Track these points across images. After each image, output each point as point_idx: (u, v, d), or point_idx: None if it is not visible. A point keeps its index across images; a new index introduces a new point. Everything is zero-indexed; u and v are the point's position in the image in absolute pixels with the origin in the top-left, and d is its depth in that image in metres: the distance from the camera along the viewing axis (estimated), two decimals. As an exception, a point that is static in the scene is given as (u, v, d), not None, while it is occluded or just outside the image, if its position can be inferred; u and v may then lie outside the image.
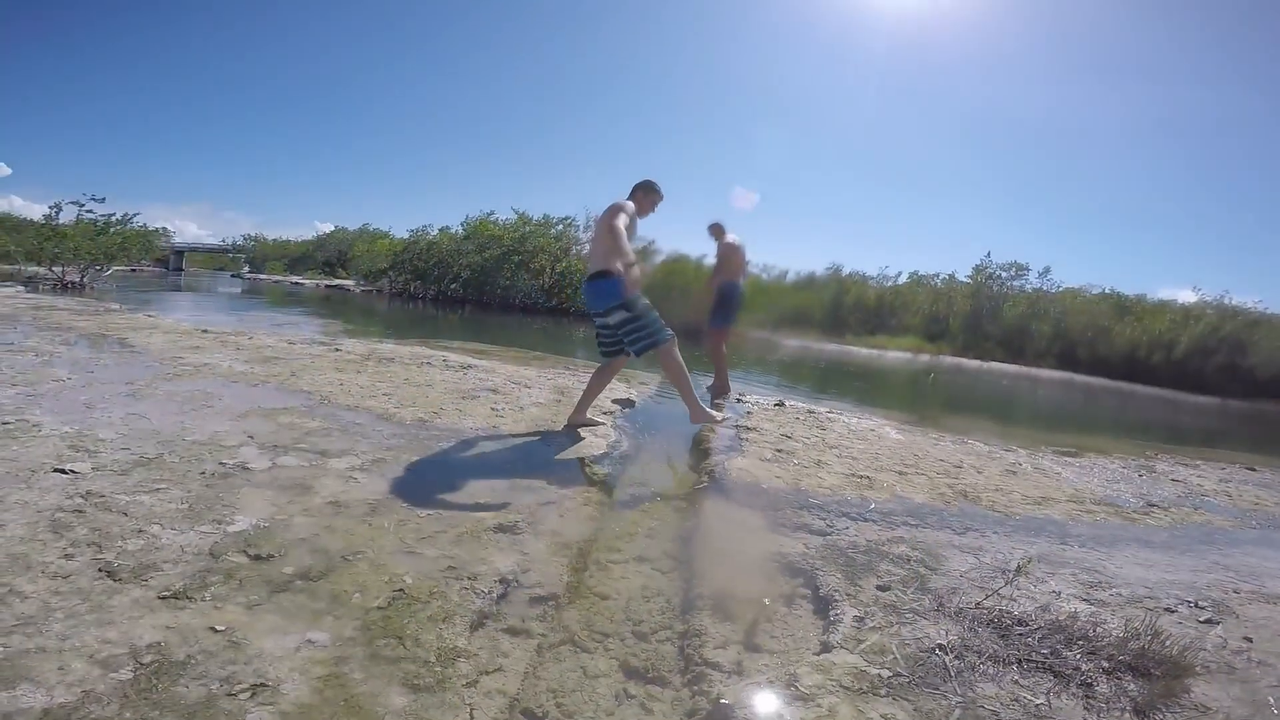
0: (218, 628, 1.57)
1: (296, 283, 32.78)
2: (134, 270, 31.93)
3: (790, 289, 23.69)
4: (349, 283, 30.65)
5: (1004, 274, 24.79)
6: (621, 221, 3.69)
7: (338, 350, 6.03)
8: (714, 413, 3.79)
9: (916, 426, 5.81)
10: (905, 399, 9.74)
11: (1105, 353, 21.86)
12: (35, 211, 16.83)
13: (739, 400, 5.81)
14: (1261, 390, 19.28)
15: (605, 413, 4.39)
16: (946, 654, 1.76)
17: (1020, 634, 1.88)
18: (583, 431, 3.82)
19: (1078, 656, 1.77)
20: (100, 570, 1.77)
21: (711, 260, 6.18)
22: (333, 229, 44.48)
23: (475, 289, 22.38)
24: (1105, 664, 1.74)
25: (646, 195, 4.05)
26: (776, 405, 5.64)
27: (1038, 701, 1.58)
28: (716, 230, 5.95)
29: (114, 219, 17.22)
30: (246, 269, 48.18)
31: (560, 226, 23.01)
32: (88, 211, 16.59)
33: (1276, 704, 1.67)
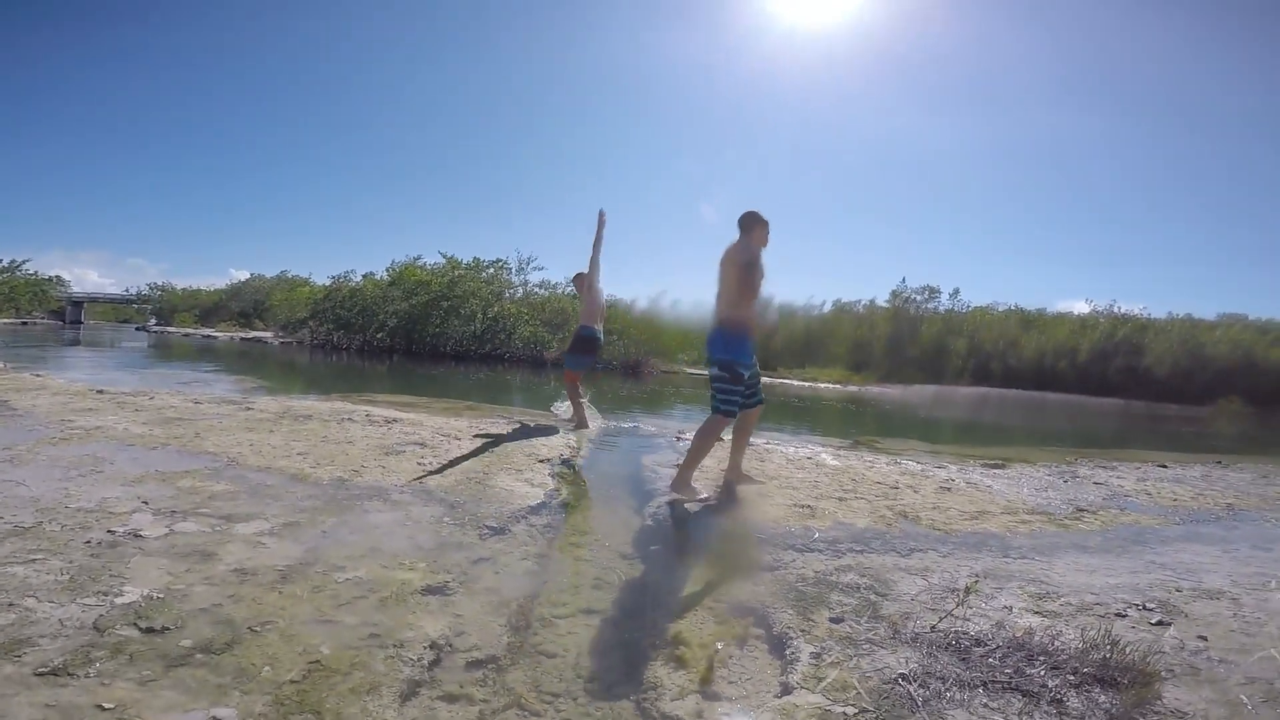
0: (105, 705, 1.38)
1: (209, 335, 30.97)
2: (25, 324, 29.60)
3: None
4: (267, 334, 29.21)
5: (919, 297, 26.12)
6: (757, 275, 3.56)
7: (249, 409, 5.63)
8: (696, 488, 3.66)
9: (851, 451, 5.89)
10: (838, 425, 9.93)
11: (1016, 365, 23.34)
12: None
13: (679, 438, 5.75)
14: (1160, 390, 20.96)
15: (542, 460, 4.23)
16: (910, 683, 1.70)
17: (980, 655, 1.84)
18: (517, 483, 3.64)
19: (1042, 673, 1.74)
20: (-36, 646, 1.53)
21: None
22: (249, 276, 42.50)
23: (403, 338, 21.63)
24: (1071, 678, 1.71)
25: (764, 228, 3.72)
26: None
27: (1010, 725, 1.53)
28: (579, 280, 6.14)
29: (0, 266, 15.89)
30: (153, 321, 45.24)
31: (491, 270, 22.74)
32: None
33: (1250, 702, 1.68)
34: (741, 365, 3.61)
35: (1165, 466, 6.15)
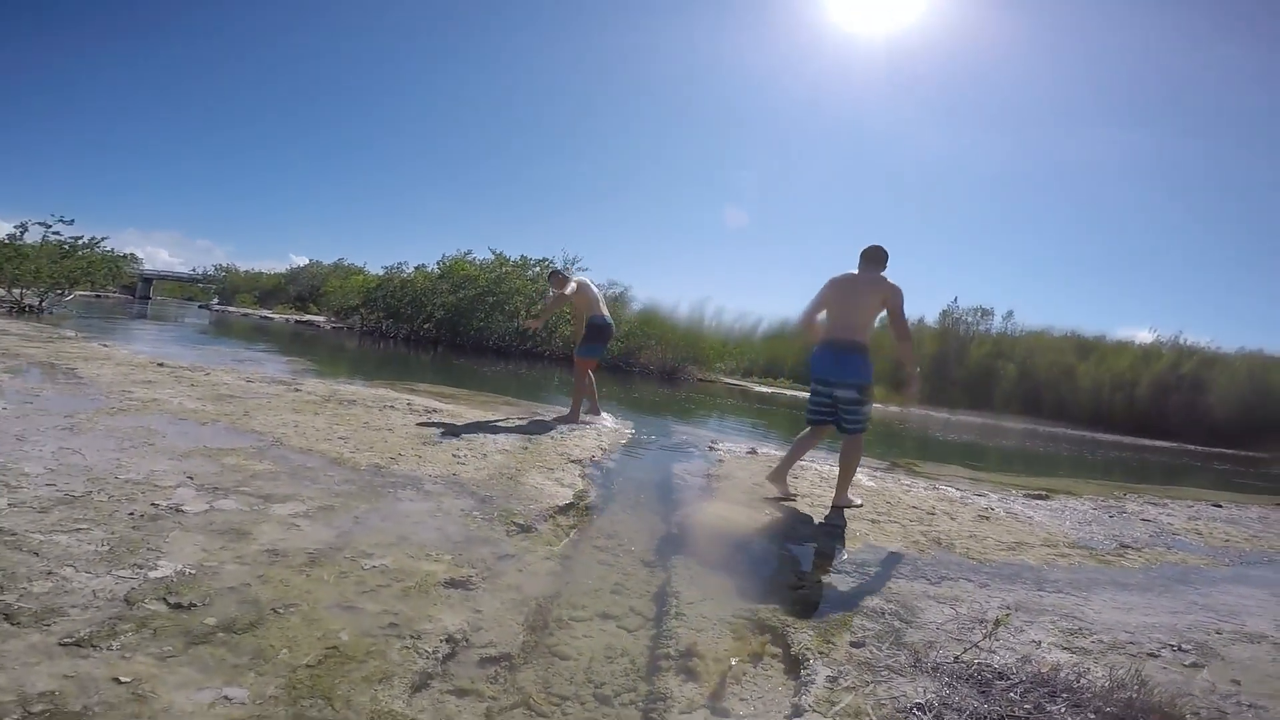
0: (122, 679, 1.42)
1: (266, 317, 32.12)
2: (99, 296, 31.07)
3: (761, 343, 24.01)
4: (320, 318, 30.13)
5: (970, 318, 25.42)
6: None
7: (297, 390, 5.82)
8: (853, 498, 3.92)
9: (888, 473, 5.77)
10: (875, 445, 9.73)
11: (1069, 396, 22.36)
12: (3, 231, 16.24)
13: (711, 448, 5.72)
14: (1218, 433, 19.85)
15: (574, 460, 4.25)
16: (925, 714, 1.65)
17: (1002, 689, 1.78)
18: (548, 481, 3.67)
19: (1063, 710, 1.68)
20: (-3, 612, 1.60)
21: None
22: (307, 262, 43.86)
23: (449, 330, 22.04)
24: (1093, 716, 1.65)
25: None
26: (749, 453, 5.55)
27: (1024, 770, 1.48)
28: (559, 280, 6.25)
29: (80, 242, 16.73)
30: (215, 300, 47.15)
31: (537, 268, 22.97)
32: (54, 233, 16.02)
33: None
34: (872, 386, 3.86)
35: (1219, 506, 5.86)
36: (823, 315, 4.01)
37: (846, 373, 3.79)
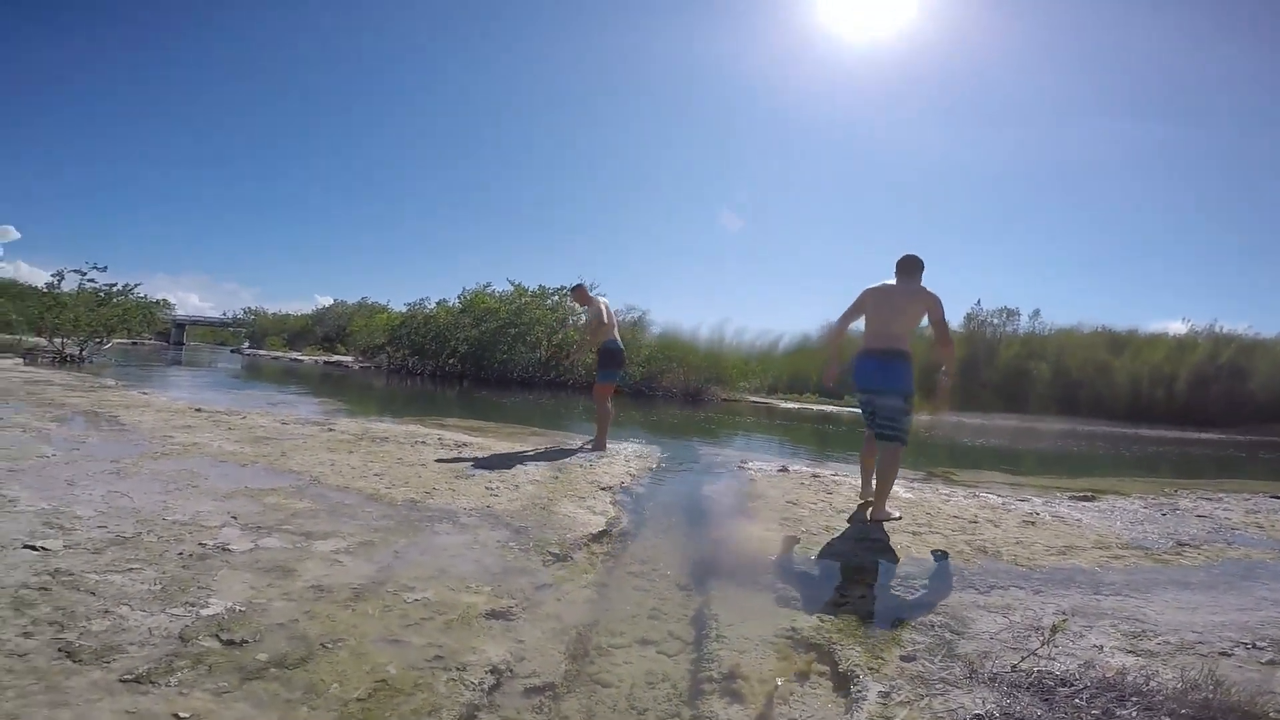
0: (181, 715, 1.44)
1: (295, 359, 32.76)
2: (135, 344, 31.96)
3: (783, 359, 24.03)
4: (348, 358, 30.65)
5: (996, 320, 25.04)
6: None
7: (331, 430, 5.91)
8: (891, 511, 3.85)
9: (925, 483, 5.67)
10: (909, 455, 9.57)
11: (1106, 393, 21.80)
12: (41, 279, 16.93)
13: (741, 467, 5.68)
14: (1263, 417, 19.19)
15: (604, 487, 4.24)
16: (986, 728, 1.60)
17: (1065, 695, 1.73)
18: (580, 510, 3.66)
19: (1134, 714, 1.62)
20: (60, 650, 1.64)
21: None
22: (332, 302, 44.94)
23: (473, 363, 22.24)
24: (1167, 719, 1.58)
25: None
26: (780, 471, 5.50)
27: (1095, 781, 1.42)
28: (582, 295, 6.30)
29: (115, 289, 17.16)
30: (246, 344, 48.29)
31: (556, 297, 23.17)
32: (89, 280, 16.37)
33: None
34: (913, 395, 3.87)
35: (1279, 498, 5.65)
36: (854, 325, 4.01)
37: (890, 380, 3.81)
